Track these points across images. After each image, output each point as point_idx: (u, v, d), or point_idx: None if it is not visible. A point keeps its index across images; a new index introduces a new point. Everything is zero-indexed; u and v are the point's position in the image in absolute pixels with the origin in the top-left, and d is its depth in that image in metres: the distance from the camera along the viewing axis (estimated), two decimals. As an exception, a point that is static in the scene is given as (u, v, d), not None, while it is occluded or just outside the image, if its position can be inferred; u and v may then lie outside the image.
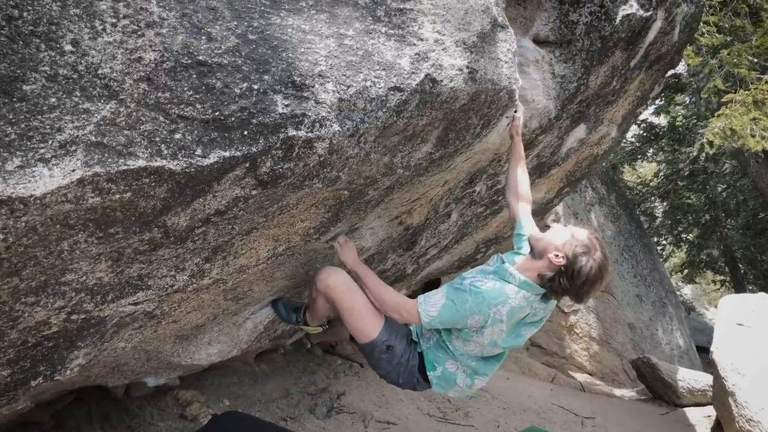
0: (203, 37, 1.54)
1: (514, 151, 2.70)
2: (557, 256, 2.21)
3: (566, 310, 8.52)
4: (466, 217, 3.88)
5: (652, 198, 14.10)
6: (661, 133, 13.69)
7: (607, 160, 14.11)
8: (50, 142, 1.29)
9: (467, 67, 2.02)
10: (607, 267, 2.24)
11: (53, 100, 1.30)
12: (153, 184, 1.44)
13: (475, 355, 2.40)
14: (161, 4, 1.50)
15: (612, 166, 13.94)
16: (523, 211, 2.64)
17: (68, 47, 1.33)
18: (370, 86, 1.79)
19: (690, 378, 6.21)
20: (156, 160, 1.41)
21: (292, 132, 1.64)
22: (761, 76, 6.99)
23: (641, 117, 14.45)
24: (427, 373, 2.45)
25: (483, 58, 2.11)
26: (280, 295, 2.74)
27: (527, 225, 2.56)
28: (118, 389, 3.61)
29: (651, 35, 3.57)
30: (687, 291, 21.89)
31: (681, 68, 10.44)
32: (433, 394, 5.32)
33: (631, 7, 3.11)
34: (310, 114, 1.66)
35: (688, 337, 9.63)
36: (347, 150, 1.82)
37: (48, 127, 1.29)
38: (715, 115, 6.56)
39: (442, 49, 1.98)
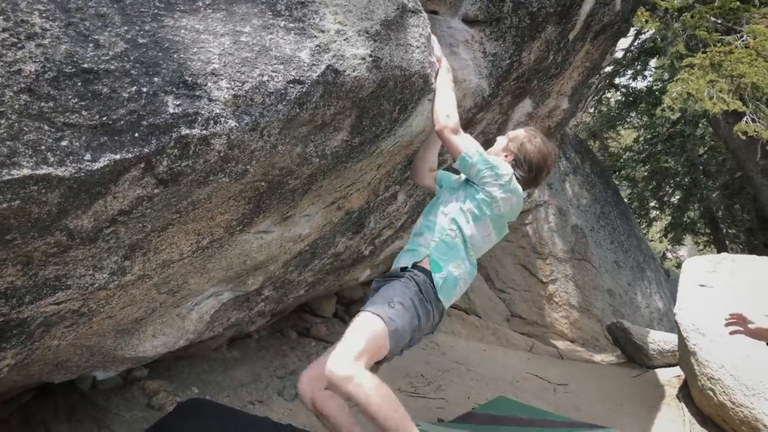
0: (90, 45, 1.58)
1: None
2: (506, 156, 2.60)
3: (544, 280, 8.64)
4: (418, 197, 3.94)
5: (633, 164, 14.18)
6: (639, 97, 13.71)
7: (585, 129, 14.17)
8: (-70, 157, 1.34)
9: (370, 55, 2.07)
10: (547, 145, 2.61)
11: (-69, 116, 1.35)
12: (43, 190, 1.50)
13: (476, 244, 2.50)
14: (44, 15, 1.54)
15: (592, 134, 14.03)
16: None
17: (-56, 64, 1.38)
18: (268, 81, 1.84)
19: (660, 340, 6.34)
20: (42, 168, 1.47)
21: (185, 131, 1.69)
22: (723, 37, 7.03)
23: (620, 83, 14.48)
24: (434, 275, 2.38)
25: (388, 46, 2.16)
26: None
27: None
28: (84, 383, 3.70)
29: (586, 7, 3.61)
30: (683, 253, 22.05)
31: (652, 31, 10.43)
32: (408, 370, 5.43)
33: (558, -18, 3.14)
34: (203, 112, 1.71)
35: (668, 300, 9.77)
36: (250, 144, 1.87)
37: (-73, 143, 1.34)
38: (674, 79, 6.61)
39: (344, 40, 2.02)
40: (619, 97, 14.75)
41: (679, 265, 18.12)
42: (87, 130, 1.54)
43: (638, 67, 13.29)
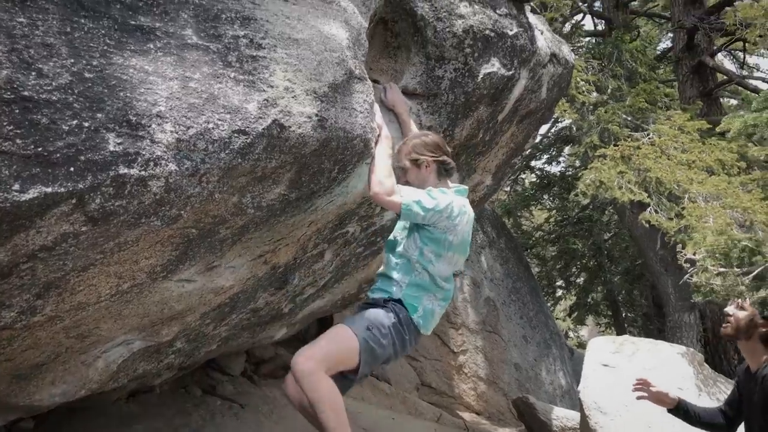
0: (33, 73, 1.54)
1: None
2: (426, 167, 2.75)
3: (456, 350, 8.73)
4: (344, 257, 3.94)
5: (544, 243, 14.84)
6: (552, 181, 14.55)
7: (501, 206, 14.77)
8: None
9: (316, 115, 2.11)
10: (429, 133, 2.90)
11: None
12: (-38, 218, 1.41)
13: (444, 275, 2.69)
14: (-13, 37, 1.49)
15: (507, 211, 14.62)
16: None
17: None
18: (213, 128, 1.84)
19: (563, 416, 6.50)
20: (-36, 194, 1.39)
21: (123, 170, 1.65)
22: (632, 133, 7.63)
23: (537, 166, 15.34)
24: (411, 316, 2.61)
25: (334, 107, 2.21)
26: None
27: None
28: (-41, 434, 3.36)
29: (516, 92, 3.84)
30: (584, 333, 22.93)
31: (568, 121, 11.17)
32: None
33: (493, 66, 3.35)
34: (144, 153, 1.68)
35: (570, 377, 10.07)
36: (187, 189, 1.85)
37: None
38: (588, 168, 7.08)
39: (292, 97, 2.06)
40: (534, 179, 15.58)
41: (580, 344, 18.84)
42: (19, 159, 1.48)
43: (553, 153, 14.15)
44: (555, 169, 15.38)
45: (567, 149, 13.71)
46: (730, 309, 2.96)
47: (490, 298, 9.18)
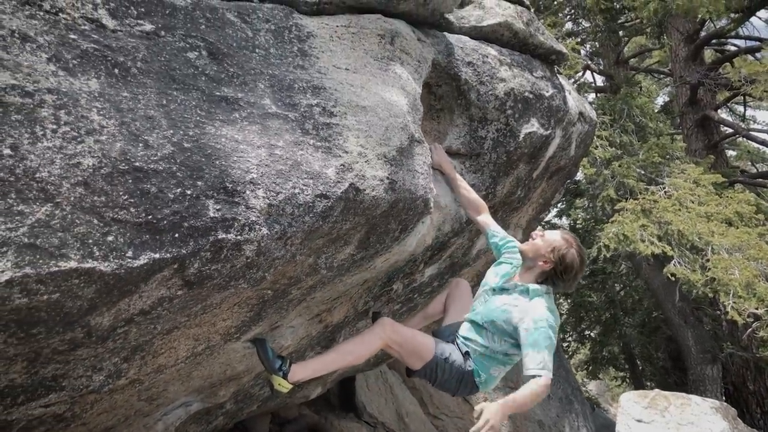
0: (140, 145, 1.62)
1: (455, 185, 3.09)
2: (544, 263, 2.71)
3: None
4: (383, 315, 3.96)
5: (557, 296, 14.76)
6: (563, 234, 14.60)
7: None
8: (-19, 242, 1.30)
9: (388, 178, 2.19)
10: (584, 255, 2.78)
11: (-12, 201, 1.33)
12: (82, 285, 1.46)
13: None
14: (102, 112, 1.58)
15: (519, 265, 14.57)
16: (487, 220, 3.14)
17: (7, 151, 1.38)
18: (299, 193, 1.91)
19: (596, 475, 6.36)
20: (87, 262, 1.44)
21: (222, 235, 1.71)
22: (648, 186, 7.73)
23: (546, 219, 15.42)
24: (474, 379, 2.76)
25: (402, 170, 2.29)
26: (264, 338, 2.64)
27: (498, 231, 3.11)
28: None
29: (551, 150, 3.94)
30: (592, 387, 22.50)
31: (579, 175, 11.30)
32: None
33: (533, 126, 3.45)
34: (240, 218, 1.75)
35: (593, 434, 9.87)
36: (274, 252, 1.90)
37: (-20, 228, 1.31)
38: (609, 221, 7.14)
39: (365, 162, 2.14)
40: (544, 233, 15.63)
41: (588, 399, 18.46)
42: (132, 227, 1.54)
43: (563, 206, 14.25)
44: (564, 221, 15.46)
45: (577, 202, 13.81)
46: None
47: (510, 354, 9.07)
